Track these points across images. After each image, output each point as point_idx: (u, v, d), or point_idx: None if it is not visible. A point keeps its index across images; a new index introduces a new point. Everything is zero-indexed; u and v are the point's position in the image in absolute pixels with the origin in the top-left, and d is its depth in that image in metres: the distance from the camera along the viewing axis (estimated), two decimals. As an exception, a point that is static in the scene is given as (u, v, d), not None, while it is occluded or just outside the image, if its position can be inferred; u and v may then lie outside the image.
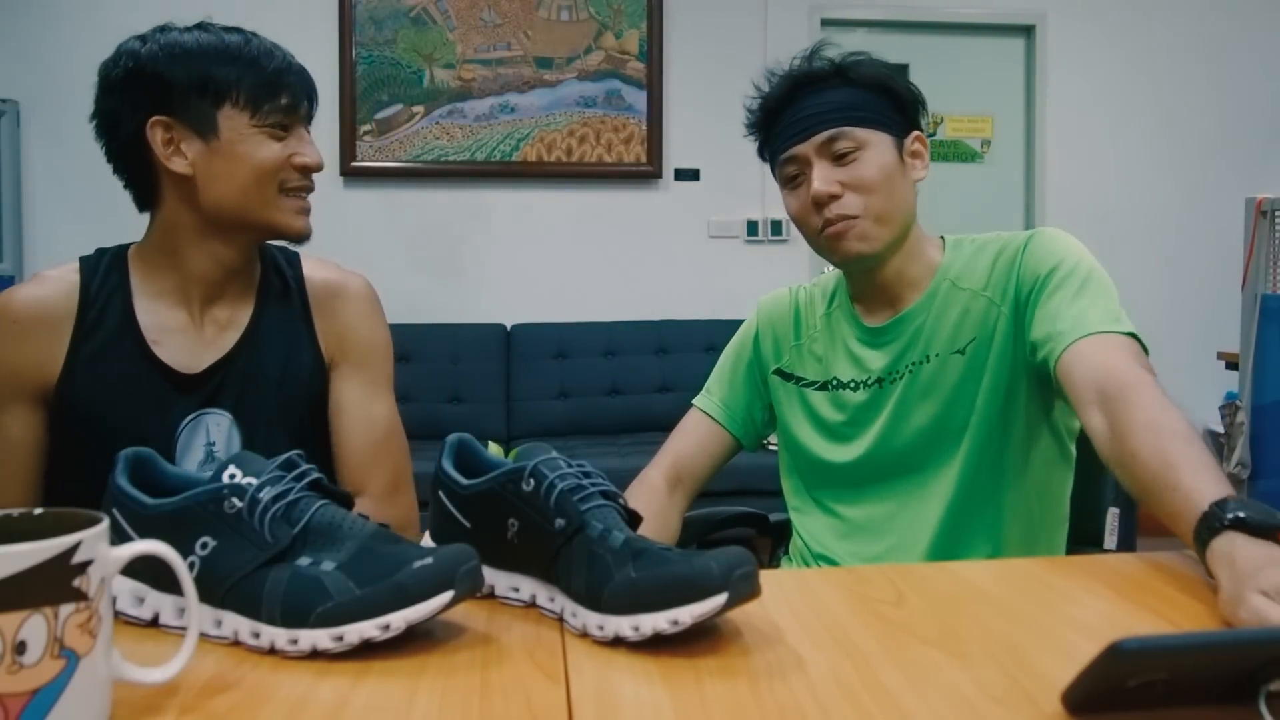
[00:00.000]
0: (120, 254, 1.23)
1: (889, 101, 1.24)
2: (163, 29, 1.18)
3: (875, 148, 1.21)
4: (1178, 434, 0.95)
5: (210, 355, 1.19)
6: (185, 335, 1.19)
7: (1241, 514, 0.78)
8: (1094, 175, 4.38)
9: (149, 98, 1.15)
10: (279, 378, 1.22)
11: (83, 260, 1.22)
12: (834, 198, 1.20)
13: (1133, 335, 1.11)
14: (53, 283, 1.18)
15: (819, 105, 1.21)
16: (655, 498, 1.31)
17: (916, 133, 1.26)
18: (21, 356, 1.15)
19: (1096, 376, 1.06)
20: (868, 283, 1.29)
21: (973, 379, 1.22)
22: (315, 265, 1.30)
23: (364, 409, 1.25)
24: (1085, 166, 4.38)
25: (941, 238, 1.32)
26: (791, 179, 1.25)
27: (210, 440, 1.18)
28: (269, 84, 1.15)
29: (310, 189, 1.20)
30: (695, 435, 1.39)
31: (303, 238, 1.20)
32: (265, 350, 1.21)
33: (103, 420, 1.14)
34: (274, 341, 1.22)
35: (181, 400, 1.17)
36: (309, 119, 1.21)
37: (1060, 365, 1.11)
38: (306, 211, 1.20)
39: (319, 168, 1.20)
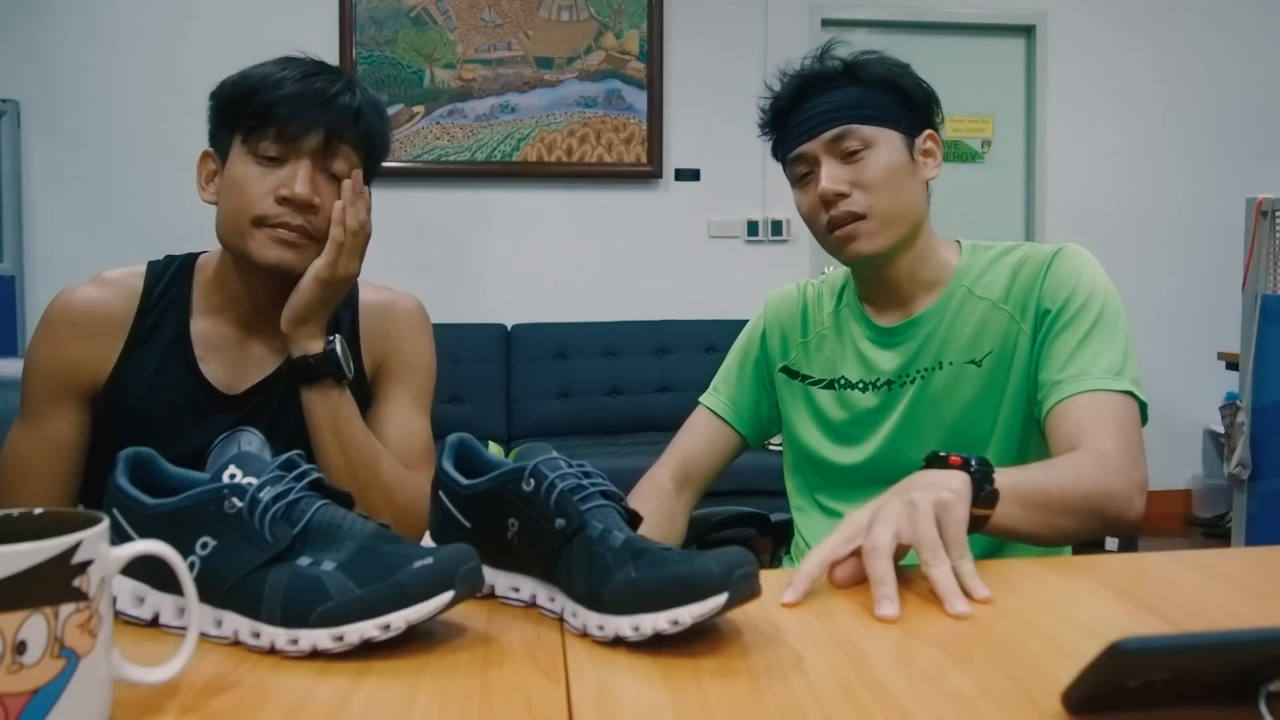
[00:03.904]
0: (187, 264, 1.23)
1: (899, 100, 1.23)
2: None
3: (884, 146, 1.21)
4: (1056, 463, 1.06)
5: (254, 375, 1.20)
6: (232, 353, 1.20)
7: (973, 463, 0.90)
8: (1094, 175, 4.39)
9: (209, 130, 1.18)
10: None
11: (150, 265, 1.23)
12: (841, 195, 1.20)
13: (1130, 392, 1.12)
14: (114, 286, 1.20)
15: (827, 103, 1.21)
16: (664, 499, 1.31)
17: (929, 131, 1.26)
18: (77, 357, 1.16)
19: (1072, 440, 1.09)
20: (877, 282, 1.29)
21: (993, 394, 1.22)
22: (370, 289, 1.29)
23: (405, 422, 1.24)
24: (1085, 166, 4.38)
25: (958, 241, 1.31)
26: (801, 177, 1.25)
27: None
28: (259, 111, 1.11)
29: (288, 223, 1.12)
30: (703, 434, 1.39)
31: (277, 270, 1.13)
32: None
33: (143, 427, 1.14)
34: None
35: (219, 417, 1.19)
36: (328, 152, 1.13)
37: (1050, 417, 1.14)
38: (282, 243, 1.12)
39: (298, 200, 1.11)
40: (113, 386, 1.17)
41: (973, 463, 0.91)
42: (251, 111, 1.12)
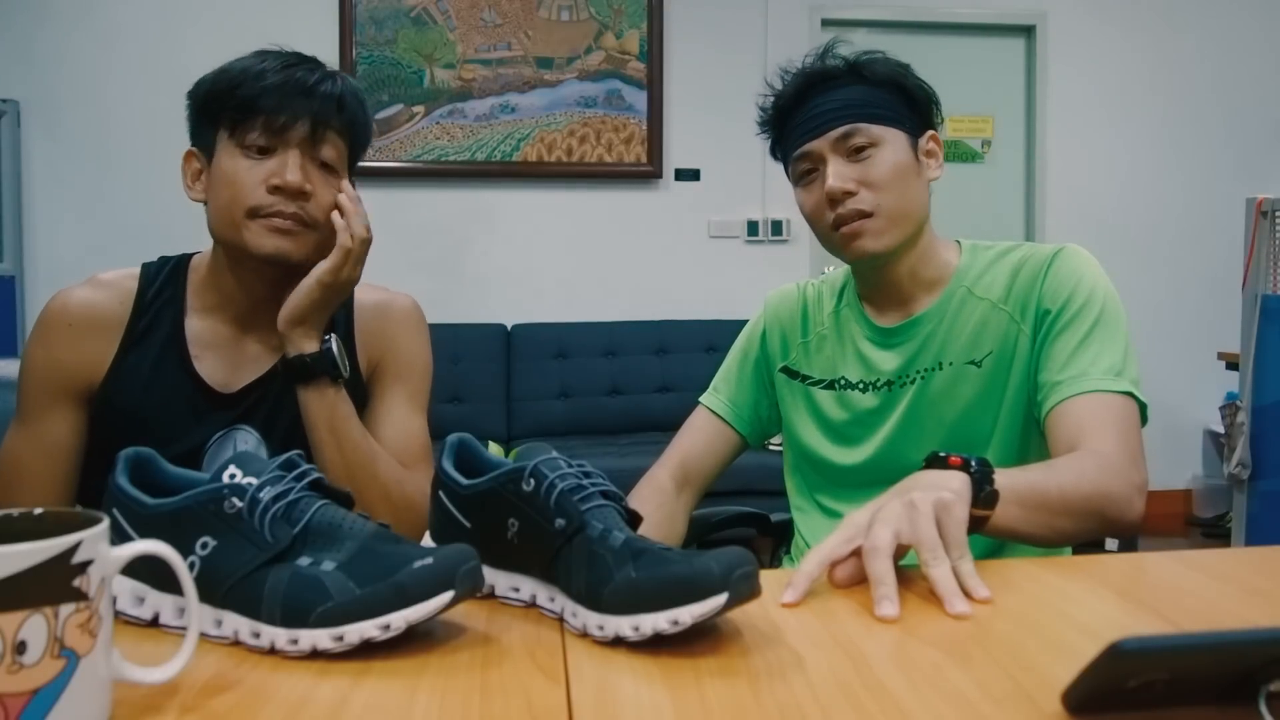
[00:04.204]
0: (181, 264, 1.23)
1: (903, 99, 1.23)
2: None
3: (890, 145, 1.21)
4: (1056, 464, 1.06)
5: (249, 373, 1.20)
6: (227, 352, 1.20)
7: (973, 464, 0.91)
8: (1094, 175, 4.39)
9: (190, 129, 1.19)
10: None
11: (144, 267, 1.23)
12: (848, 193, 1.19)
13: (1129, 393, 1.12)
14: (109, 288, 1.20)
15: (833, 101, 1.21)
16: (664, 498, 1.31)
17: (931, 132, 1.26)
18: (72, 359, 1.16)
19: (1072, 441, 1.09)
20: (879, 281, 1.28)
21: (993, 394, 1.22)
22: (365, 289, 1.28)
23: (402, 422, 1.24)
24: (1085, 166, 4.38)
25: (958, 241, 1.31)
26: (805, 175, 1.24)
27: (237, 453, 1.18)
28: (244, 104, 1.11)
29: (282, 211, 1.12)
30: (703, 434, 1.38)
31: (275, 259, 1.13)
32: None
33: (139, 428, 1.14)
34: None
35: (215, 416, 1.19)
36: (316, 140, 1.14)
37: (1049, 418, 1.14)
38: (278, 231, 1.12)
39: (291, 188, 1.11)
40: (108, 387, 1.17)
41: (973, 463, 0.91)
42: (235, 105, 1.12)
